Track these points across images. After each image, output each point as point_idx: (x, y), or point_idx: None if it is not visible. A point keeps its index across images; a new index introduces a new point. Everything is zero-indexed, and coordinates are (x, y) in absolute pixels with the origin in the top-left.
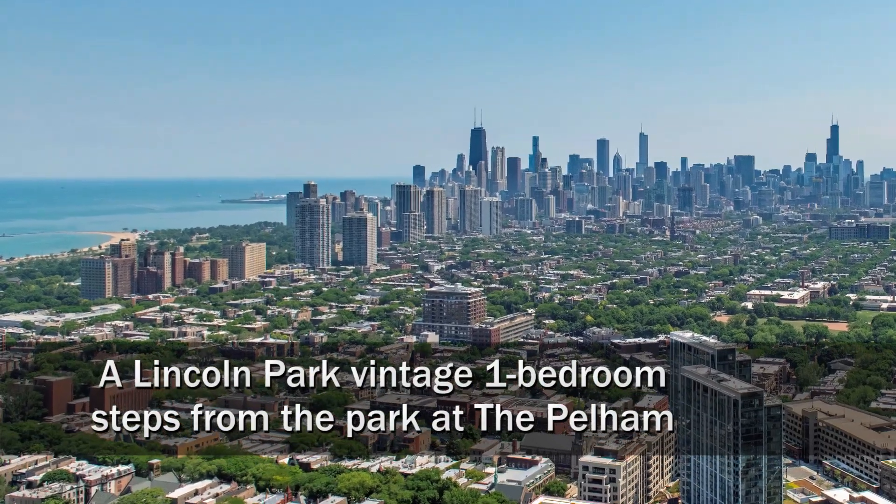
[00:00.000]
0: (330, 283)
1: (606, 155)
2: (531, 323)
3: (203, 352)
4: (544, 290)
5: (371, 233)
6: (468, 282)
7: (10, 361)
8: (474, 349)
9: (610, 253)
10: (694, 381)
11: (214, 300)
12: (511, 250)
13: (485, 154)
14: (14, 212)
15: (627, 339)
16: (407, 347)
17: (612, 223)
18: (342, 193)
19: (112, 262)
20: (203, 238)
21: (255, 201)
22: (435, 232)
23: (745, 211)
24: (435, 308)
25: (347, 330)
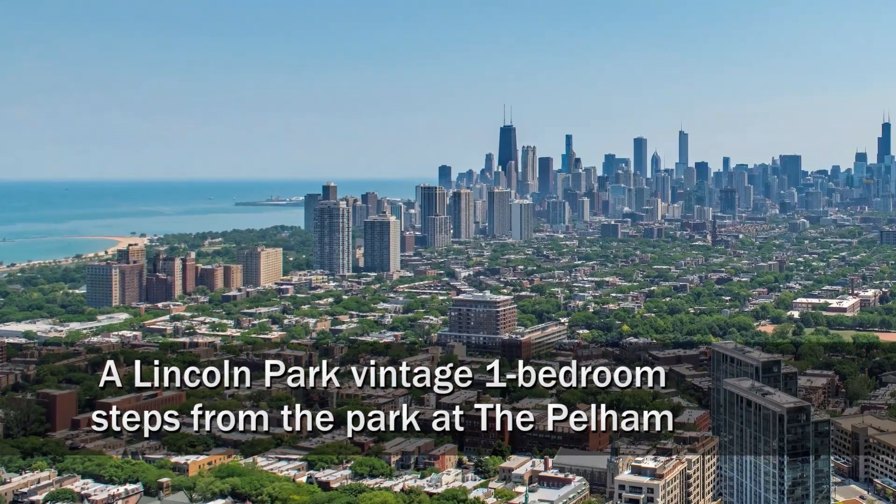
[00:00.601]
0: (350, 291)
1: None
2: (564, 333)
3: (215, 363)
4: (578, 299)
5: (394, 237)
6: (497, 289)
7: (10, 374)
8: (504, 361)
9: (648, 259)
10: (737, 394)
11: (228, 309)
12: (542, 256)
13: (515, 154)
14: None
15: (666, 349)
16: (432, 359)
17: (649, 227)
18: (363, 196)
19: (119, 269)
20: (216, 243)
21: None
22: (462, 236)
23: (791, 214)
24: (462, 317)
25: (369, 340)
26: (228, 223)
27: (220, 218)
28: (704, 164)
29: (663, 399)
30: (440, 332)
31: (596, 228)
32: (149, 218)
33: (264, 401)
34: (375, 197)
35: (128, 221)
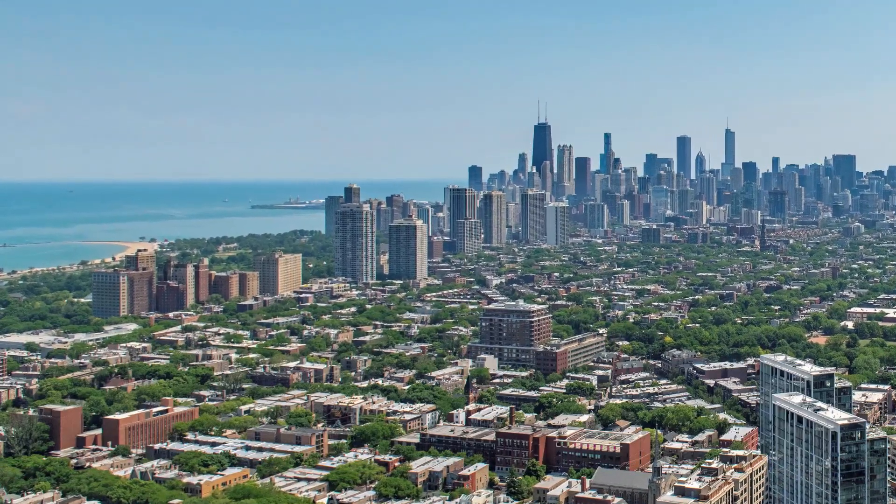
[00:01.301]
0: (374, 300)
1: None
2: (602, 345)
3: (231, 378)
4: (617, 308)
5: (421, 242)
6: (531, 298)
7: (12, 388)
8: (538, 375)
9: (692, 265)
10: (787, 410)
11: (243, 319)
12: (580, 262)
13: (550, 153)
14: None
15: (711, 363)
16: (462, 373)
17: (694, 231)
18: (388, 198)
19: (127, 276)
20: (230, 248)
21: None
22: (493, 241)
23: (844, 218)
24: (493, 328)
25: (394, 353)
26: (244, 227)
27: (235, 222)
28: (752, 165)
29: (708, 415)
30: (470, 344)
31: (636, 233)
32: (159, 221)
33: (283, 417)
34: (401, 199)
35: (136, 225)
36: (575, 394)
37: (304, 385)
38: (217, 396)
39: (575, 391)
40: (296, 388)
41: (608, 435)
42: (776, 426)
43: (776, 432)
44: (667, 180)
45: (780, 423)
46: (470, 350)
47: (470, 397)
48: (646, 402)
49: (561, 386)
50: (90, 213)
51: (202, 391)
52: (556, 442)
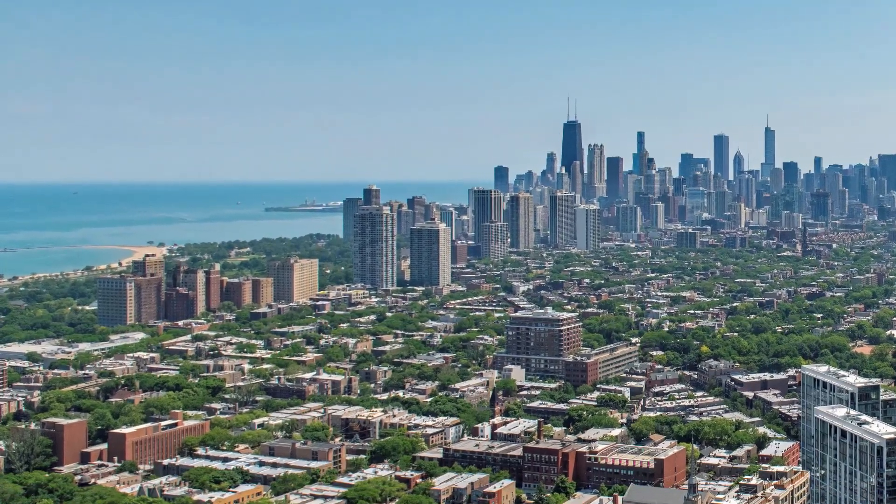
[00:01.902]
0: (395, 308)
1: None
2: (635, 355)
3: (243, 390)
4: (651, 316)
5: (444, 247)
6: (560, 305)
7: (13, 400)
8: (568, 387)
9: (729, 271)
10: (830, 424)
11: (257, 327)
12: (611, 268)
13: (580, 153)
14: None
15: (751, 374)
16: (487, 384)
17: (731, 235)
18: (410, 200)
19: (135, 283)
20: (243, 253)
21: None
22: (520, 246)
23: (891, 221)
24: (520, 337)
25: (416, 363)
26: (257, 231)
27: (247, 225)
28: (793, 165)
29: (747, 429)
30: (496, 354)
31: (671, 237)
32: (168, 225)
33: (298, 431)
34: (423, 201)
35: (144, 229)
36: (606, 406)
37: (321, 397)
38: (229, 409)
39: (606, 404)
40: (312, 401)
41: (641, 450)
42: (818, 441)
43: (818, 447)
44: (703, 181)
45: (822, 437)
46: (496, 360)
47: (496, 410)
48: (681, 415)
49: (591, 398)
50: (95, 216)
51: (213, 404)
52: (586, 457)
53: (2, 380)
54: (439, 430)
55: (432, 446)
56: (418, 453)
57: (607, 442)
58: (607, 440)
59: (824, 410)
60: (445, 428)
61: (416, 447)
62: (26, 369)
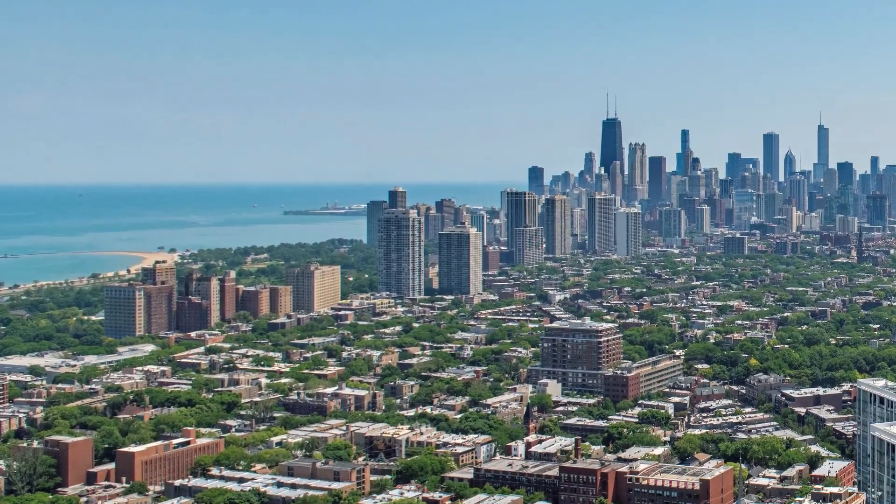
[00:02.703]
0: (422, 318)
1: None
2: (679, 368)
3: (260, 406)
4: (696, 327)
5: (475, 253)
6: (599, 315)
7: (14, 417)
8: (607, 402)
9: (780, 279)
10: (888, 442)
11: (275, 339)
12: (653, 275)
13: (620, 152)
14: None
15: (802, 388)
16: (521, 400)
17: (782, 240)
18: (438, 203)
19: (144, 291)
20: (260, 260)
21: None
22: (556, 252)
23: None
24: (556, 349)
25: (445, 377)
26: (275, 236)
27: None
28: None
29: (799, 448)
30: (530, 367)
31: (718, 242)
32: (180, 229)
33: (319, 450)
34: (452, 204)
35: (154, 234)
36: (648, 423)
37: (344, 414)
38: (245, 426)
39: (648, 420)
40: (334, 417)
41: (686, 470)
42: (875, 460)
43: (875, 467)
44: (752, 183)
45: (879, 456)
46: (530, 374)
47: (530, 427)
48: (728, 432)
49: (632, 415)
50: (102, 220)
51: (228, 420)
52: (627, 478)
53: (2, 395)
54: (470, 448)
55: (462, 466)
56: (447, 473)
57: (649, 461)
58: (649, 459)
59: (881, 428)
60: (476, 446)
61: (444, 467)
62: (28, 384)
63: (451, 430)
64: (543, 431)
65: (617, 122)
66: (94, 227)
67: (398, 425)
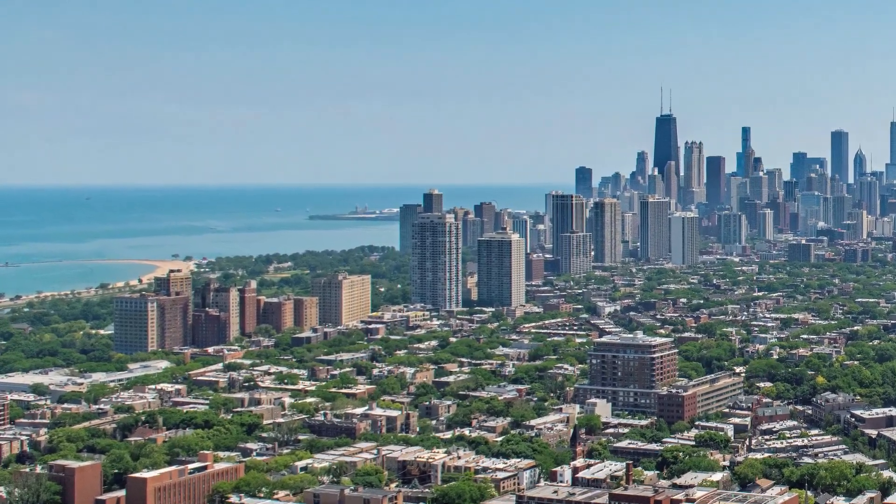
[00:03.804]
0: (460, 332)
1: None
2: (740, 387)
3: (284, 427)
4: (758, 342)
5: (517, 261)
6: (652, 329)
7: (15, 440)
8: (661, 424)
9: (850, 289)
10: None
11: (299, 355)
12: (711, 286)
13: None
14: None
15: (874, 408)
16: (567, 421)
17: (852, 247)
18: (477, 207)
19: (157, 303)
20: (283, 269)
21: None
22: (606, 260)
23: None
24: (606, 366)
25: (484, 396)
26: (300, 243)
27: (288, 236)
28: None
29: (870, 473)
30: (577, 386)
31: (781, 249)
32: (196, 236)
33: (348, 475)
34: (493, 208)
35: (168, 240)
36: (706, 447)
37: (374, 436)
38: (267, 450)
39: (706, 443)
40: (363, 440)
41: (747, 497)
42: None
43: None
44: (819, 185)
45: None
46: (577, 393)
47: (577, 451)
48: (793, 456)
49: (689, 437)
50: (111, 226)
51: (249, 444)
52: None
53: (3, 416)
54: (511, 474)
55: (503, 493)
56: (487, 501)
57: (707, 488)
58: (707, 486)
59: None
60: (519, 471)
61: (484, 494)
62: (31, 403)
63: (492, 453)
64: (592, 455)
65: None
66: (102, 233)
67: (434, 449)
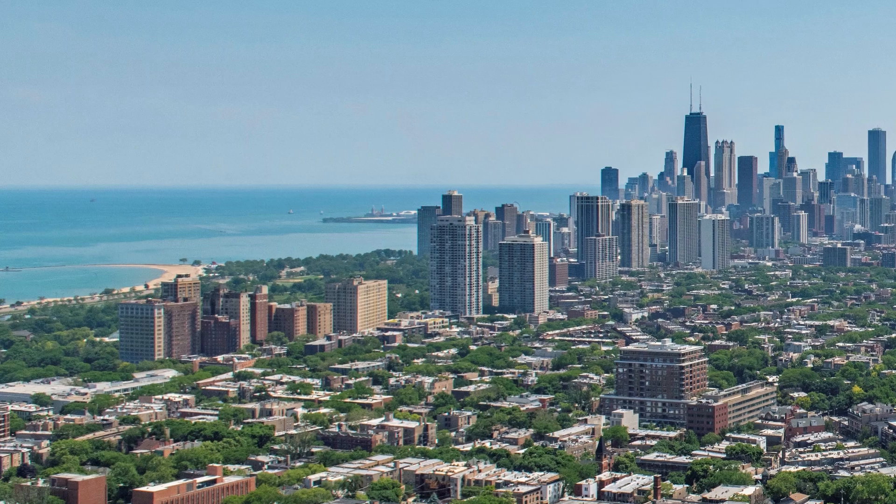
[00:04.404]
0: (480, 339)
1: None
2: (773, 397)
3: (296, 439)
4: (791, 350)
5: (540, 265)
6: (681, 337)
7: (16, 452)
8: (690, 435)
9: (887, 295)
10: None
11: (313, 364)
12: (743, 291)
13: (706, 151)
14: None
15: None
16: (593, 432)
17: (890, 251)
18: (498, 209)
19: (164, 309)
20: (296, 274)
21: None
22: (633, 264)
23: None
24: (633, 375)
25: (506, 407)
26: (314, 246)
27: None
28: None
29: None
30: (603, 396)
31: (816, 253)
32: (205, 239)
33: (363, 489)
34: (515, 210)
35: (176, 244)
36: (737, 459)
37: (391, 448)
38: (279, 463)
39: (737, 456)
40: (380, 453)
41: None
42: None
43: None
44: (855, 186)
45: None
46: (603, 403)
47: (603, 464)
48: (828, 470)
49: (719, 449)
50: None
51: (260, 456)
52: None
53: (3, 427)
54: (535, 488)
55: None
56: None
57: (738, 502)
58: (738, 500)
59: None
60: (542, 485)
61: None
62: (33, 414)
63: (514, 467)
64: (618, 468)
65: (702, 117)
66: (107, 236)
67: (453, 462)
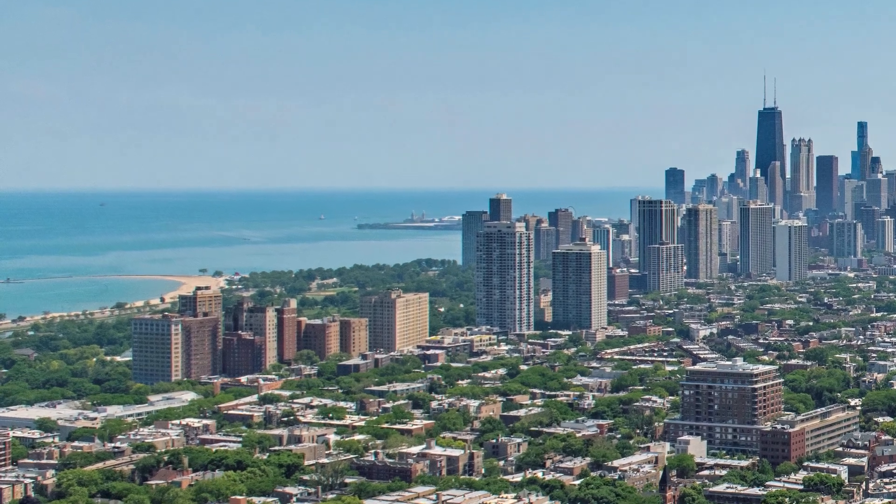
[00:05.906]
0: (532, 358)
1: None
2: (855, 422)
3: (328, 469)
4: (876, 370)
5: (598, 277)
6: (753, 355)
7: (19, 483)
8: (764, 465)
9: None
10: None
11: (346, 385)
12: (822, 305)
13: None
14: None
15: None
16: (656, 461)
17: None
18: (551, 214)
19: (182, 325)
20: (328, 285)
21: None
22: (700, 275)
23: None
24: (701, 398)
25: (560, 433)
26: (347, 255)
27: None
28: None
29: None
30: (667, 421)
31: None
32: (227, 247)
33: None
34: (570, 215)
35: (195, 253)
36: (816, 491)
37: (433, 479)
38: (309, 495)
39: (816, 487)
40: (420, 484)
41: None
42: None
43: None
44: None
45: None
46: (667, 429)
47: (667, 496)
48: None
49: (796, 480)
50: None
51: (288, 488)
52: None
53: (4, 455)
54: None
55: None
56: None
57: None
58: None
59: None
60: None
61: None
62: (37, 441)
63: (568, 499)
64: (684, 501)
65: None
66: (119, 244)
67: (501, 493)
